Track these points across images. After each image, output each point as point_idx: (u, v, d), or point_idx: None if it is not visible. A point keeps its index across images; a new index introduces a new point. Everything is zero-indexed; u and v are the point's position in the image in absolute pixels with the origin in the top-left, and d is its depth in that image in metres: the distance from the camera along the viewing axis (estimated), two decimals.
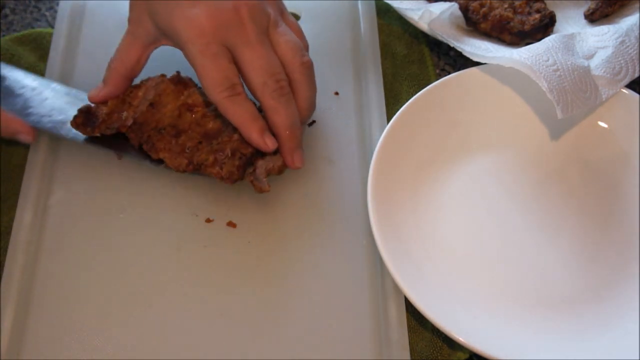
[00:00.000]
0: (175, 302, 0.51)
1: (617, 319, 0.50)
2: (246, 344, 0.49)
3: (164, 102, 0.55)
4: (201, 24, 0.50)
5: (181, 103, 0.55)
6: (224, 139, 0.54)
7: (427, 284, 0.50)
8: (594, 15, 0.64)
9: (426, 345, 0.50)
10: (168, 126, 0.54)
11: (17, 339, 0.49)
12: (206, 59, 0.50)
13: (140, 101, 0.55)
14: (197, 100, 0.55)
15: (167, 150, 0.54)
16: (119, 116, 0.55)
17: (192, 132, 0.54)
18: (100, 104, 0.55)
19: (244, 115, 0.52)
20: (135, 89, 0.56)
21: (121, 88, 0.55)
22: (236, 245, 0.54)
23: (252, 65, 0.51)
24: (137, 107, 0.55)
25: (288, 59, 0.53)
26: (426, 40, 0.67)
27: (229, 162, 0.53)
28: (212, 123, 0.54)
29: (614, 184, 0.55)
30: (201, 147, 0.54)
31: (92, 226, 0.54)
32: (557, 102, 0.54)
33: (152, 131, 0.54)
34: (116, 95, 0.55)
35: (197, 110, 0.55)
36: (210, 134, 0.54)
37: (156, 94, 0.55)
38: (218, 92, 0.51)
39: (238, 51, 0.51)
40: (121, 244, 0.53)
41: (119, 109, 0.55)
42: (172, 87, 0.55)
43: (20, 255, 0.53)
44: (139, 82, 0.56)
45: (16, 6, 0.71)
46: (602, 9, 0.64)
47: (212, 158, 0.53)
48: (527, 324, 0.50)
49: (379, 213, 0.52)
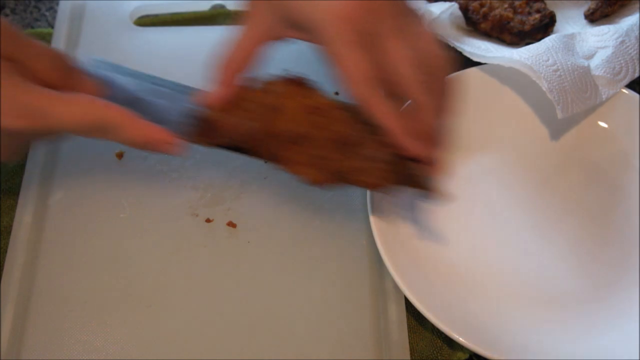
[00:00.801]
0: (175, 302, 0.51)
1: (617, 319, 0.50)
2: (246, 343, 0.49)
3: (284, 105, 0.48)
4: (348, 11, 0.44)
5: (305, 106, 0.48)
6: (362, 143, 0.47)
7: (427, 284, 0.50)
8: (594, 15, 0.64)
9: (426, 345, 0.50)
10: (292, 133, 0.47)
11: (17, 339, 0.49)
12: (351, 49, 0.44)
13: (258, 105, 0.48)
14: (322, 101, 0.48)
15: (298, 163, 0.48)
16: (239, 124, 0.48)
17: (321, 138, 0.47)
18: (216, 111, 0.48)
19: (391, 113, 0.46)
20: (252, 92, 0.49)
21: (235, 88, 0.48)
22: (236, 245, 0.54)
23: (398, 58, 0.45)
24: (255, 112, 0.48)
25: (429, 52, 0.46)
26: None
27: (379, 167, 0.47)
28: (342, 126, 0.47)
29: (614, 184, 0.55)
30: (337, 155, 0.47)
31: (92, 226, 0.54)
32: (557, 102, 0.54)
33: (275, 139, 0.48)
34: (231, 97, 0.48)
35: (323, 113, 0.48)
36: (343, 139, 0.47)
37: (275, 97, 0.48)
38: (365, 87, 0.45)
39: (384, 40, 0.45)
40: (121, 244, 0.53)
41: (237, 115, 0.48)
42: (293, 88, 0.48)
43: (20, 255, 0.53)
44: (253, 84, 0.49)
45: (16, 6, 0.71)
46: (602, 9, 0.64)
47: (358, 165, 0.47)
48: (527, 324, 0.50)
49: (379, 213, 0.52)
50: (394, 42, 0.45)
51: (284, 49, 0.48)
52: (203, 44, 0.52)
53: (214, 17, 0.68)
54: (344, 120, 0.47)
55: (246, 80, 0.48)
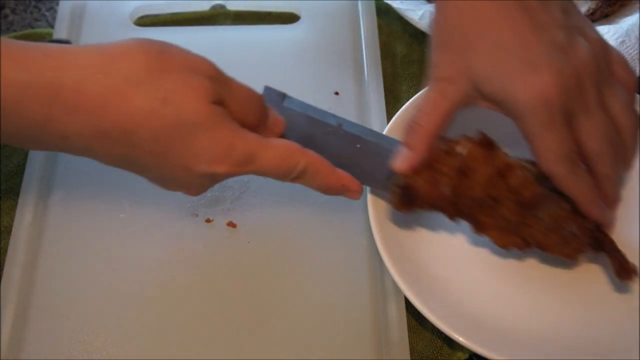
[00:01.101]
0: (175, 302, 0.51)
1: (617, 319, 0.50)
2: (246, 344, 0.49)
3: (474, 168, 0.48)
4: (547, 93, 0.43)
5: (491, 168, 0.48)
6: (552, 211, 0.48)
7: (427, 284, 0.50)
8: (594, 15, 0.64)
9: (426, 345, 0.50)
10: (480, 197, 0.48)
11: (17, 339, 0.49)
12: (549, 131, 0.44)
13: (449, 169, 0.48)
14: (508, 163, 0.48)
15: (486, 226, 0.48)
16: (437, 189, 0.48)
17: (508, 202, 0.48)
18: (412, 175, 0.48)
19: (586, 190, 0.47)
20: (443, 154, 0.48)
21: (429, 152, 0.48)
22: (236, 245, 0.54)
23: (591, 134, 0.45)
24: (445, 175, 0.48)
25: (621, 123, 0.47)
26: (426, 41, 0.67)
27: (578, 240, 0.48)
28: (530, 190, 0.47)
29: None
30: (530, 221, 0.48)
31: (92, 226, 0.54)
32: None
33: (470, 203, 0.48)
34: (426, 160, 0.48)
35: (511, 176, 0.48)
36: (531, 203, 0.48)
37: (464, 159, 0.48)
38: (560, 165, 0.45)
39: (577, 118, 0.45)
40: (121, 244, 0.53)
41: (433, 179, 0.48)
42: (481, 150, 0.48)
43: (20, 255, 0.53)
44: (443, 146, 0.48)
45: (16, 6, 0.71)
46: (602, 9, 0.64)
47: (555, 237, 0.48)
48: (527, 324, 0.50)
49: (379, 213, 0.52)
50: (586, 119, 0.45)
51: None
52: (203, 44, 0.52)
53: (214, 17, 0.68)
54: (528, 181, 0.48)
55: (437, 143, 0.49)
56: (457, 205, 0.48)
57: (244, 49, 0.53)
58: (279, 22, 0.68)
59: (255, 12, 0.69)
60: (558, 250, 0.48)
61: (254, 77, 0.62)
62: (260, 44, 0.65)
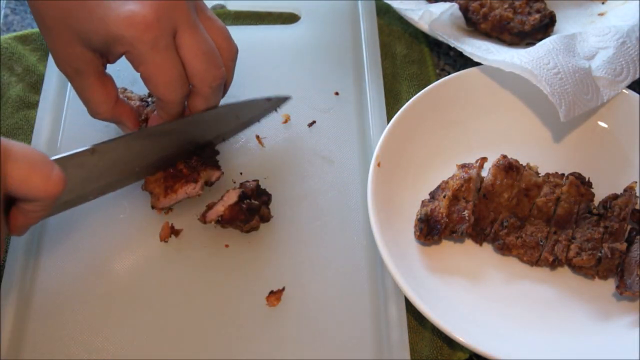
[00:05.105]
0: (175, 302, 0.51)
1: (617, 318, 0.50)
2: (246, 344, 0.49)
3: (497, 191, 0.51)
4: (143, 17, 0.45)
5: (518, 189, 0.51)
6: (580, 228, 0.50)
7: (427, 284, 0.50)
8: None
9: (426, 345, 0.50)
10: (508, 217, 0.50)
11: (17, 339, 0.49)
12: (158, 55, 0.46)
13: (472, 194, 0.51)
14: (532, 182, 0.51)
15: (520, 247, 0.51)
16: (459, 215, 0.51)
17: (535, 220, 0.50)
18: (437, 207, 0.51)
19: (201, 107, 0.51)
20: (466, 182, 0.51)
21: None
22: (236, 245, 0.54)
23: (193, 50, 0.48)
24: (471, 200, 0.51)
25: (223, 46, 0.51)
26: (426, 41, 0.67)
27: (608, 261, 0.50)
28: (557, 208, 0.50)
29: (614, 184, 0.55)
30: (558, 239, 0.50)
31: (92, 226, 0.54)
32: (560, 105, 0.54)
33: (494, 225, 0.51)
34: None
35: (534, 194, 0.51)
36: (559, 221, 0.50)
37: (487, 183, 0.51)
38: (175, 91, 0.48)
39: (179, 34, 0.47)
40: (121, 244, 0.53)
41: (454, 207, 0.51)
42: (504, 173, 0.51)
43: (20, 255, 0.53)
44: (464, 173, 0.52)
45: (16, 6, 0.71)
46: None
47: (585, 256, 0.50)
48: (527, 324, 0.50)
49: (379, 213, 0.52)
50: (187, 35, 0.47)
51: None
52: None
53: None
54: (556, 201, 0.50)
55: None
56: (481, 229, 0.50)
57: (244, 49, 0.52)
58: (279, 22, 0.68)
59: (255, 12, 0.69)
60: (589, 271, 0.50)
61: (254, 77, 0.62)
62: (260, 44, 0.65)
